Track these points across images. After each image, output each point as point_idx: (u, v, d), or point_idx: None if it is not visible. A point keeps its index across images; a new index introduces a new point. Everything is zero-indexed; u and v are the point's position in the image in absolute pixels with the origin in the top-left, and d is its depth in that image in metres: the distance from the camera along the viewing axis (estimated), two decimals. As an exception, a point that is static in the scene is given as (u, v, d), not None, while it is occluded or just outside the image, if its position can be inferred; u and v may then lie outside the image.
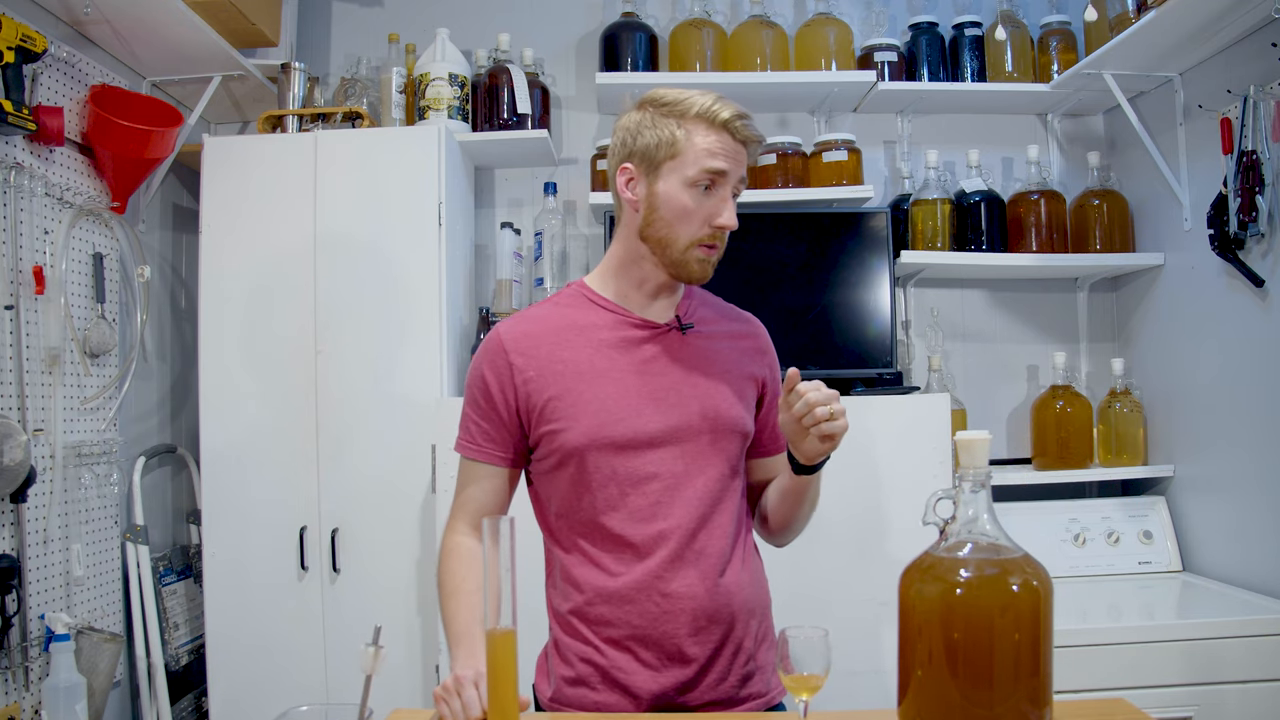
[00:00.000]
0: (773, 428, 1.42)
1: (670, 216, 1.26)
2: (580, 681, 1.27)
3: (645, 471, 1.26)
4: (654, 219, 1.27)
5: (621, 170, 1.30)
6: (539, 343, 1.31)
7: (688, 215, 1.26)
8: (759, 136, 1.30)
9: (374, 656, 1.01)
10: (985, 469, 1.00)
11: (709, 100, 1.26)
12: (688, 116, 1.25)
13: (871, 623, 1.97)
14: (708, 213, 1.26)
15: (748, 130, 1.27)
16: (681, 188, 1.25)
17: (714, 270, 1.31)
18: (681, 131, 1.25)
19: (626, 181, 1.29)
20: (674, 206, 1.26)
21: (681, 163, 1.25)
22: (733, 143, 1.26)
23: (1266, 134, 1.97)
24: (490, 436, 1.32)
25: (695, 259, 1.27)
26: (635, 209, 1.29)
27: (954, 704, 0.95)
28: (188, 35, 2.24)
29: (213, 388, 2.27)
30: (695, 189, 1.25)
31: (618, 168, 1.30)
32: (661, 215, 1.27)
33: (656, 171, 1.27)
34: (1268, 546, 2.07)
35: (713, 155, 1.24)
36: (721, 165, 1.24)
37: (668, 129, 1.26)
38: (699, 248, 1.27)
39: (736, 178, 1.27)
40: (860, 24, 2.69)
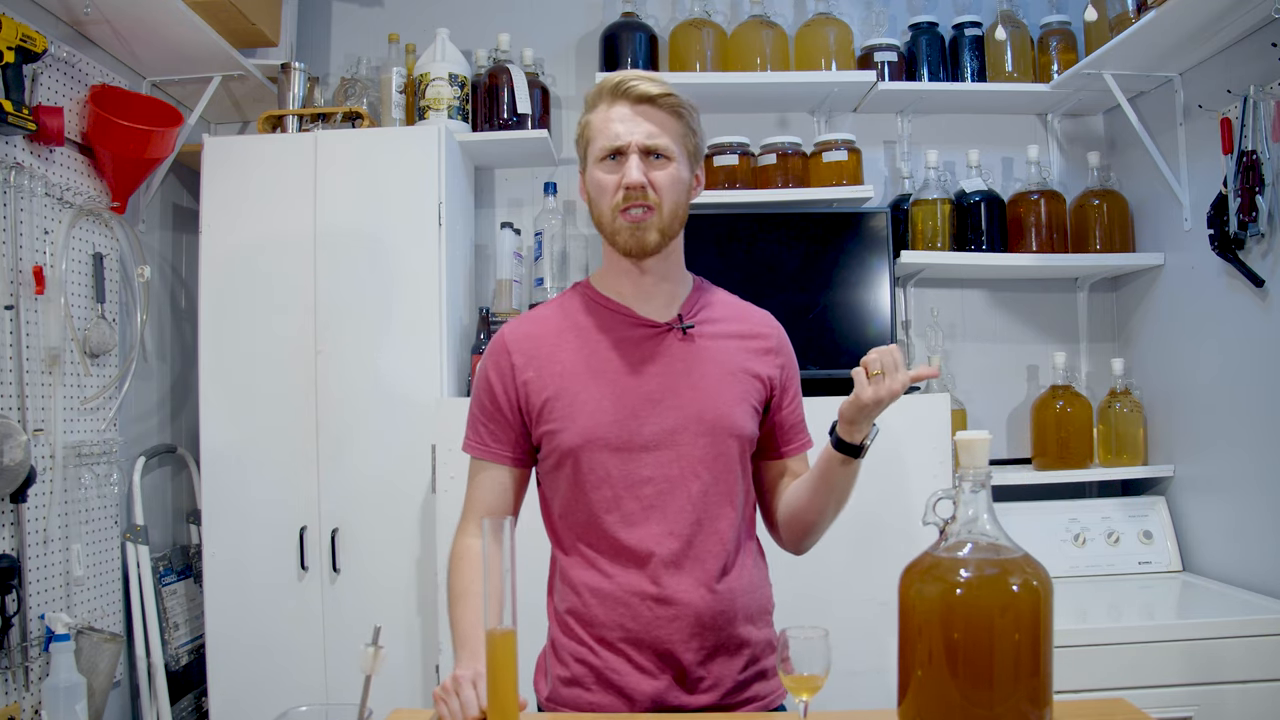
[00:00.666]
0: (785, 429, 1.38)
1: (597, 195, 1.29)
2: (575, 682, 1.27)
3: (640, 474, 1.25)
4: (591, 206, 1.32)
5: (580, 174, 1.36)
6: (540, 343, 1.31)
7: (603, 189, 1.28)
8: (660, 90, 1.27)
9: (374, 657, 1.01)
10: (985, 469, 1.00)
11: (608, 77, 1.30)
12: (590, 100, 1.31)
13: (871, 623, 1.97)
14: (618, 180, 1.26)
15: (643, 86, 1.26)
16: (595, 167, 1.29)
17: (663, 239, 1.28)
18: (589, 116, 1.31)
19: (581, 184, 1.35)
20: (595, 186, 1.29)
21: (592, 145, 1.30)
22: (630, 105, 1.27)
23: (1266, 134, 1.97)
24: (496, 436, 1.32)
25: (621, 228, 1.27)
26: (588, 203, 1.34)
27: (954, 704, 0.95)
28: (188, 35, 2.24)
29: (213, 388, 2.27)
30: (605, 163, 1.27)
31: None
32: (593, 199, 1.31)
33: (585, 163, 1.32)
34: (1268, 546, 2.07)
35: (606, 126, 1.27)
36: (615, 134, 1.25)
37: (583, 119, 1.32)
38: (620, 215, 1.27)
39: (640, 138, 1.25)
40: (860, 24, 2.69)
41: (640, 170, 1.25)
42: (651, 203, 1.26)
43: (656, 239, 1.27)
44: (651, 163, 1.26)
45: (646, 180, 1.25)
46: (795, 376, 1.41)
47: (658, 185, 1.26)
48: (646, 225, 1.26)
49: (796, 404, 1.41)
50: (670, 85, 1.29)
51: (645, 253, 1.28)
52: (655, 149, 1.26)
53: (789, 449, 1.40)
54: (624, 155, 1.26)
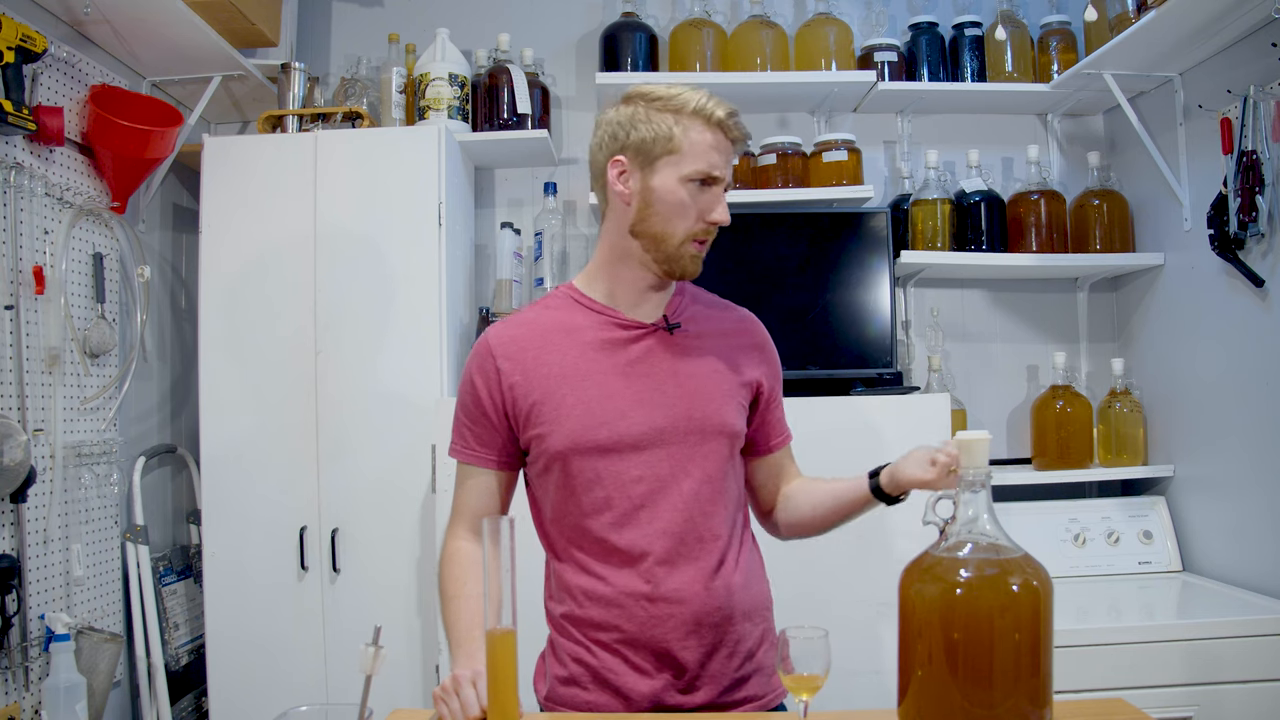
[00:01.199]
0: (772, 425, 1.41)
1: (666, 211, 1.26)
2: (573, 681, 1.27)
3: (631, 475, 1.25)
4: (649, 214, 1.27)
5: (614, 163, 1.28)
6: (525, 347, 1.30)
7: (684, 210, 1.25)
8: (748, 136, 1.31)
9: (374, 657, 1.01)
10: (985, 469, 1.00)
11: (704, 97, 1.26)
12: (684, 112, 1.25)
13: (871, 623, 1.97)
14: (702, 208, 1.26)
15: (740, 129, 1.29)
16: (678, 183, 1.25)
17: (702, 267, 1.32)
18: (679, 127, 1.25)
19: (619, 174, 1.28)
20: (670, 201, 1.25)
21: (679, 158, 1.25)
22: (726, 141, 1.27)
23: (1266, 134, 1.97)
24: (482, 440, 1.32)
25: (689, 254, 1.28)
26: (626, 203, 1.28)
27: (954, 704, 0.95)
28: (188, 35, 2.24)
29: (213, 388, 2.27)
30: (691, 184, 1.25)
31: (608, 160, 1.29)
32: (657, 210, 1.26)
33: (652, 166, 1.26)
34: (1267, 546, 2.07)
35: (708, 153, 1.25)
36: (714, 164, 1.25)
37: (664, 124, 1.25)
38: (692, 243, 1.27)
39: (729, 178, 1.29)
40: (860, 24, 2.69)
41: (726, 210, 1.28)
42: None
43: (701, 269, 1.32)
44: None
45: None
46: (779, 372, 1.44)
47: None
48: (702, 257, 1.31)
49: (780, 399, 1.44)
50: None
51: (694, 278, 1.32)
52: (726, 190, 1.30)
53: (777, 442, 1.43)
54: (713, 186, 1.27)
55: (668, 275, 1.30)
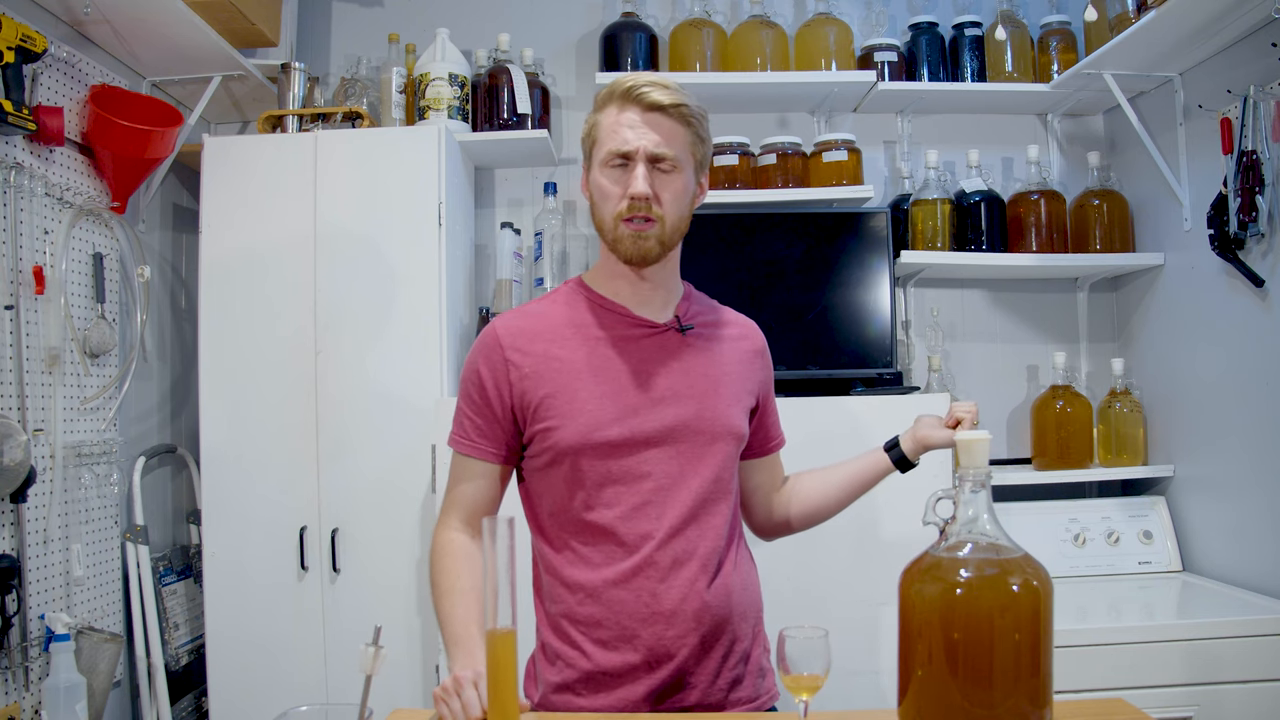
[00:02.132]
0: (769, 427, 1.44)
1: (599, 200, 1.29)
2: (566, 687, 1.27)
3: (639, 471, 1.25)
4: (592, 208, 1.31)
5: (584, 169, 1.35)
6: (535, 339, 1.30)
7: (606, 195, 1.27)
8: (674, 100, 1.26)
9: (374, 657, 1.01)
10: (985, 469, 1.00)
11: (621, 79, 1.28)
12: (600, 99, 1.30)
13: (871, 623, 1.97)
14: (624, 187, 1.26)
15: (655, 94, 1.25)
16: (600, 171, 1.28)
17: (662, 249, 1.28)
18: (597, 116, 1.30)
19: (583, 181, 1.34)
20: (598, 190, 1.29)
21: (598, 147, 1.29)
22: (641, 112, 1.25)
23: (1266, 134, 1.97)
24: (484, 432, 1.31)
25: (624, 235, 1.27)
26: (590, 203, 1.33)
27: (954, 704, 0.95)
28: (188, 35, 2.24)
29: (213, 388, 2.27)
30: (611, 168, 1.26)
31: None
32: (595, 202, 1.30)
33: (590, 163, 1.31)
34: (1267, 546, 2.07)
35: (615, 131, 1.26)
36: (619, 142, 1.24)
37: (591, 119, 1.31)
38: (623, 224, 1.26)
39: (648, 146, 1.24)
40: (860, 24, 2.69)
41: (646, 181, 1.24)
42: (654, 215, 1.26)
43: (657, 250, 1.28)
44: (658, 173, 1.26)
45: (652, 192, 1.25)
46: (772, 378, 1.47)
47: (662, 198, 1.26)
48: (648, 235, 1.27)
49: (774, 404, 1.48)
50: (683, 92, 1.28)
51: (645, 262, 1.29)
52: (663, 158, 1.25)
53: (771, 447, 1.47)
54: (631, 162, 1.25)
55: (625, 262, 1.30)
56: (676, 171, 1.27)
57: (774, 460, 1.48)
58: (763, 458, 1.45)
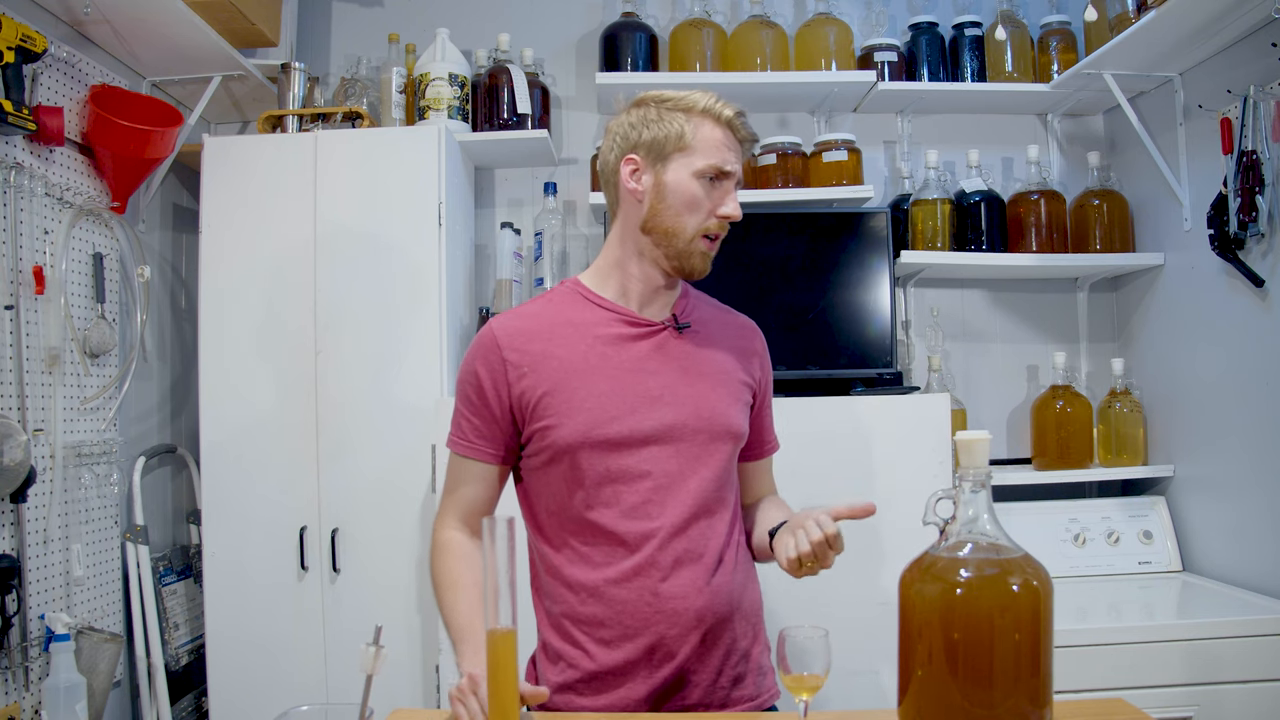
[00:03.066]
0: (761, 431, 1.44)
1: (679, 205, 1.28)
2: (568, 687, 1.27)
3: (638, 470, 1.26)
4: (661, 209, 1.29)
5: (626, 161, 1.31)
6: (533, 339, 1.30)
7: (696, 204, 1.28)
8: (756, 136, 1.34)
9: (374, 656, 1.01)
10: (985, 469, 1.00)
11: (713, 98, 1.31)
12: (694, 111, 1.30)
13: (871, 623, 1.96)
14: (714, 203, 1.29)
15: (747, 129, 1.32)
16: (690, 178, 1.28)
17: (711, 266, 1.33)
18: (690, 125, 1.29)
19: (631, 172, 1.31)
20: (683, 195, 1.28)
21: (690, 154, 1.28)
22: (734, 139, 1.31)
23: (1266, 134, 1.97)
24: (482, 433, 1.31)
25: (699, 250, 1.30)
26: (639, 200, 1.30)
27: (954, 704, 0.95)
28: (188, 35, 2.24)
29: (212, 388, 2.27)
30: (703, 180, 1.28)
31: (621, 159, 1.32)
32: (669, 204, 1.29)
33: (665, 163, 1.29)
34: (1267, 546, 2.07)
35: (721, 150, 1.28)
36: (727, 160, 1.29)
37: (675, 122, 1.29)
38: (703, 239, 1.30)
39: (740, 175, 1.31)
40: (860, 24, 2.69)
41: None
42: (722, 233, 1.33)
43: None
44: None
45: None
46: (770, 380, 1.47)
47: None
48: (711, 254, 1.32)
49: (770, 407, 1.47)
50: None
51: (704, 276, 1.33)
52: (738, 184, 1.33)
53: (765, 449, 1.46)
54: (725, 182, 1.29)
55: (677, 273, 1.31)
56: None
57: (759, 467, 1.46)
58: (753, 462, 1.44)
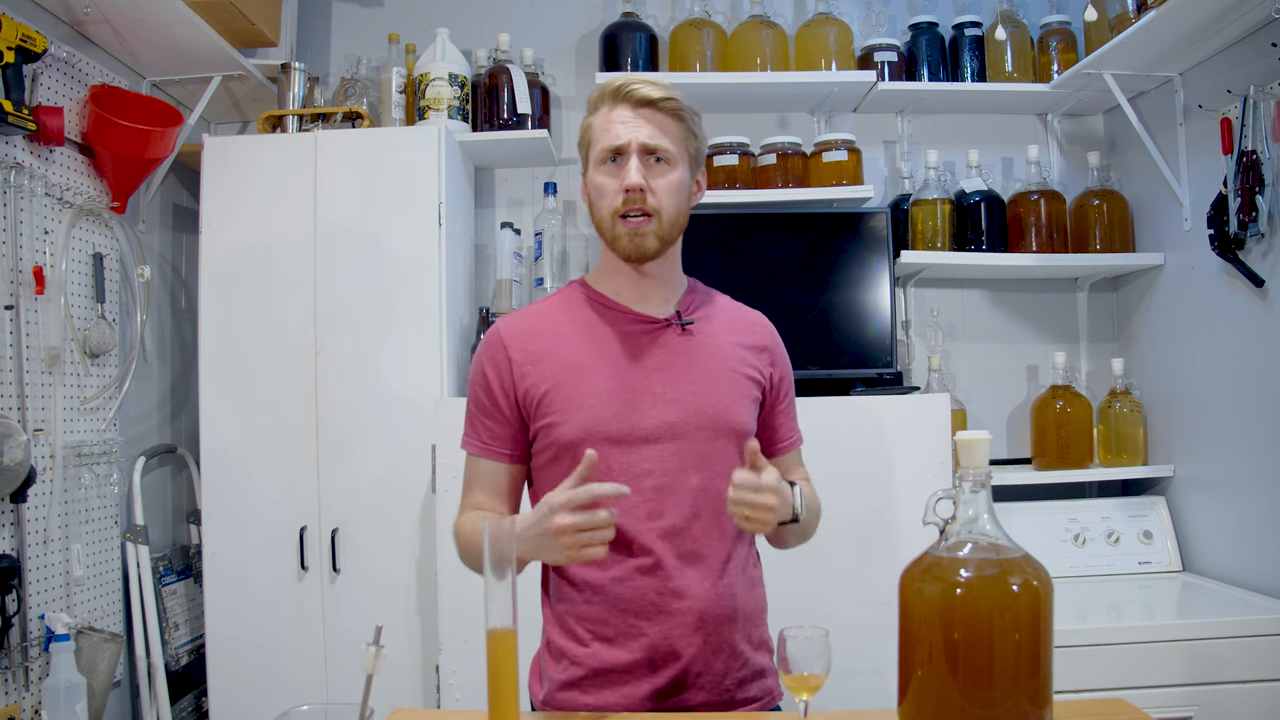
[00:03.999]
0: (776, 428, 1.41)
1: (596, 198, 1.30)
2: (572, 684, 1.27)
3: (641, 468, 1.25)
4: (591, 209, 1.33)
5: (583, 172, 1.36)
6: (537, 338, 1.31)
7: (602, 191, 1.29)
8: (662, 94, 1.27)
9: (375, 656, 1.01)
10: (985, 469, 1.00)
11: (610, 79, 1.31)
12: (592, 103, 1.32)
13: (871, 623, 1.97)
14: (619, 181, 1.27)
15: (644, 89, 1.27)
16: (595, 170, 1.30)
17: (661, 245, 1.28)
18: (590, 118, 1.32)
19: (583, 186, 1.35)
20: (595, 188, 1.30)
21: (593, 147, 1.30)
22: (631, 108, 1.27)
23: (1266, 134, 1.97)
24: (494, 433, 1.32)
25: (622, 233, 1.28)
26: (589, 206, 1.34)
27: (954, 704, 0.95)
28: (188, 35, 2.24)
29: (213, 388, 2.27)
30: (605, 166, 1.28)
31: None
32: (593, 201, 1.31)
33: (587, 164, 1.33)
34: (1267, 546, 2.07)
35: (607, 128, 1.28)
36: (612, 138, 1.26)
37: (585, 122, 1.33)
38: (620, 221, 1.27)
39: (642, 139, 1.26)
40: (860, 24, 2.69)
41: (640, 173, 1.26)
42: (651, 209, 1.27)
43: (656, 245, 1.28)
44: (652, 167, 1.27)
45: (646, 184, 1.26)
46: (788, 375, 1.44)
47: (658, 191, 1.27)
48: (645, 232, 1.27)
49: (789, 402, 1.44)
50: (672, 89, 1.30)
51: (644, 258, 1.29)
52: (656, 150, 1.27)
53: (781, 447, 1.42)
54: (624, 157, 1.27)
55: (624, 259, 1.31)
56: (670, 165, 1.29)
57: (780, 464, 1.41)
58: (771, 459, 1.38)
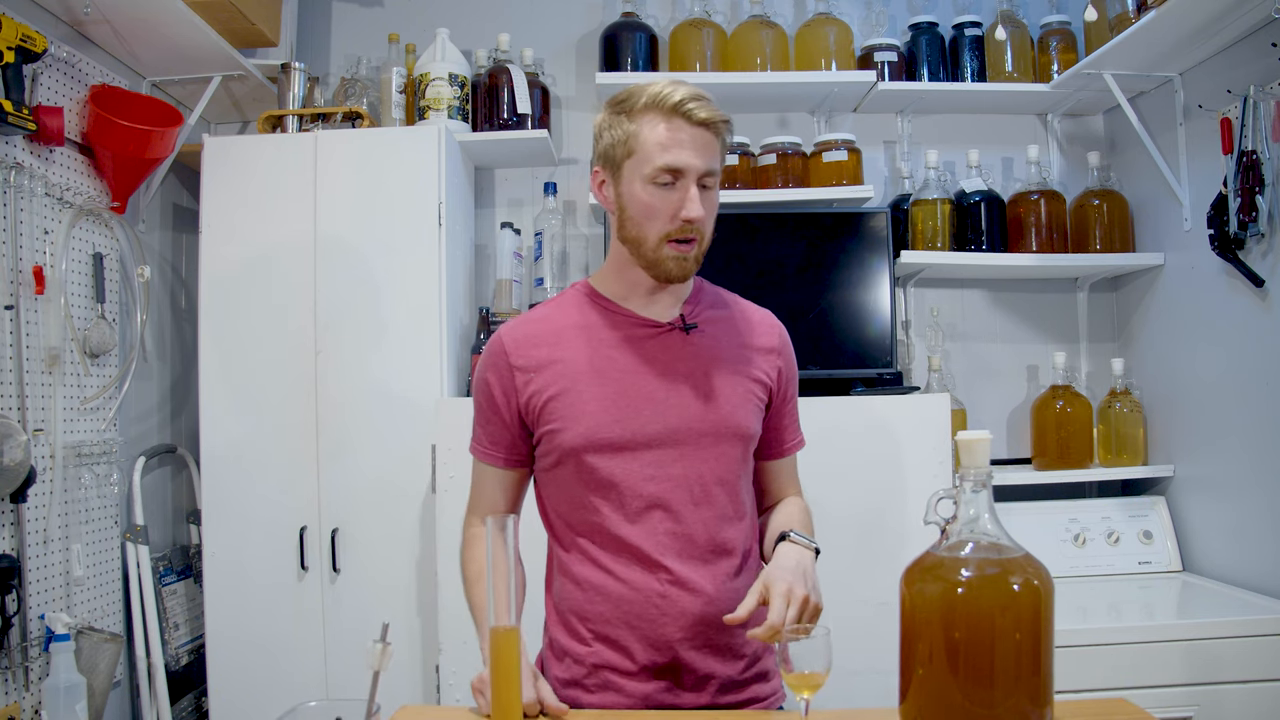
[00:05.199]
0: (780, 431, 1.39)
1: (638, 216, 1.24)
2: (574, 683, 1.27)
3: (644, 473, 1.25)
4: (625, 220, 1.26)
5: (594, 174, 1.31)
6: (539, 344, 1.30)
7: (653, 213, 1.23)
8: (719, 116, 1.23)
9: (382, 653, 1.01)
10: (986, 469, 1.00)
11: (659, 87, 1.23)
12: (637, 109, 1.23)
13: (872, 622, 1.96)
14: (673, 207, 1.22)
15: (703, 111, 1.21)
16: (642, 186, 1.22)
17: (698, 266, 1.27)
18: (634, 126, 1.23)
19: (599, 185, 1.30)
20: (638, 206, 1.24)
21: (638, 160, 1.23)
22: (689, 128, 1.21)
23: (1266, 134, 1.97)
24: (496, 439, 1.32)
25: (669, 257, 1.24)
26: (611, 211, 1.29)
27: (955, 703, 0.95)
28: (188, 35, 2.24)
29: (213, 388, 2.27)
30: (655, 185, 1.22)
31: (592, 171, 1.32)
32: (630, 216, 1.25)
33: (619, 172, 1.25)
34: (1267, 546, 2.07)
35: (665, 149, 1.20)
36: (675, 159, 1.20)
37: (622, 127, 1.24)
38: (670, 244, 1.23)
39: (701, 166, 1.21)
40: (860, 24, 2.69)
41: (700, 204, 1.22)
42: (697, 234, 1.24)
43: (695, 268, 1.27)
44: (702, 191, 1.23)
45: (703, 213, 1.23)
46: (793, 378, 1.41)
47: (706, 218, 1.24)
48: (689, 257, 1.25)
49: (792, 405, 1.42)
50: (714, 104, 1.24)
51: (684, 280, 1.28)
52: (710, 174, 1.23)
53: (783, 449, 1.41)
54: (683, 181, 1.21)
55: (656, 279, 1.27)
56: (715, 187, 1.26)
57: (780, 466, 1.41)
58: (774, 461, 1.40)
